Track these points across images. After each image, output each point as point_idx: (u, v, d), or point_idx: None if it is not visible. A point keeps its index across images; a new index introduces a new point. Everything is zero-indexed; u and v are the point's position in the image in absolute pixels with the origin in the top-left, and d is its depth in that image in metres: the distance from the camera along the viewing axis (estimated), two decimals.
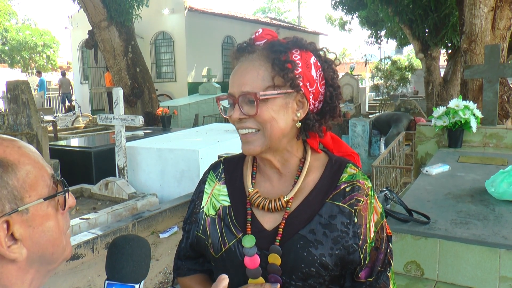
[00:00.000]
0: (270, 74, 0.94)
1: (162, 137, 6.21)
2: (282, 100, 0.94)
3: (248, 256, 0.98)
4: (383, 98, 17.53)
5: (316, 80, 0.97)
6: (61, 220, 0.75)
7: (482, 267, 1.75)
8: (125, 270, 0.82)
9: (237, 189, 1.06)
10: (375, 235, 0.99)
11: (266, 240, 0.98)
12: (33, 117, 5.69)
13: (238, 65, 0.98)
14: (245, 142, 0.97)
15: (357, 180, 1.00)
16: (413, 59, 24.07)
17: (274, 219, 1.00)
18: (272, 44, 0.96)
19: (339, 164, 1.03)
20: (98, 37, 9.87)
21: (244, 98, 0.94)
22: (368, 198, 0.99)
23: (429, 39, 10.88)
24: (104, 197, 5.17)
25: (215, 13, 16.90)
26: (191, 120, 11.72)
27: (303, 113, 0.97)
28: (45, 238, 0.71)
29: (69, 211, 0.79)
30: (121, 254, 0.84)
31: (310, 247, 0.95)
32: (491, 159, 3.26)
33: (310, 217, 0.97)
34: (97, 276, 3.35)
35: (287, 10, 44.07)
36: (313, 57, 0.98)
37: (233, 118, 0.96)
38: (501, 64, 4.09)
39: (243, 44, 0.99)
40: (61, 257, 0.76)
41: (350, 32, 21.75)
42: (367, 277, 0.99)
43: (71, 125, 12.05)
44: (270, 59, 0.94)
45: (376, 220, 0.99)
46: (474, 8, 5.78)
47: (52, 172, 0.75)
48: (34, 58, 28.76)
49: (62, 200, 0.75)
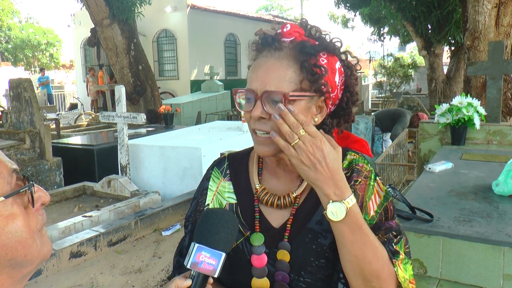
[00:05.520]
0: (299, 77, 0.91)
1: (165, 135, 6.21)
2: (305, 103, 0.92)
3: (256, 254, 0.97)
4: (386, 95, 17.49)
5: (337, 85, 0.96)
6: (32, 219, 0.68)
7: (485, 265, 1.74)
8: (219, 235, 0.85)
9: (243, 186, 1.05)
10: (377, 215, 0.96)
11: (273, 238, 0.97)
12: (36, 115, 5.71)
13: (263, 60, 0.94)
14: (261, 143, 0.94)
15: (356, 164, 1.00)
16: (416, 56, 24.01)
17: (281, 216, 0.99)
18: (303, 45, 0.92)
19: None
20: (100, 35, 9.87)
21: (269, 97, 0.90)
22: (367, 179, 0.98)
23: (432, 36, 10.84)
24: (106, 195, 5.17)
25: (217, 10, 16.88)
26: (193, 117, 11.73)
27: (320, 118, 0.96)
28: (13, 239, 0.64)
29: (42, 207, 0.72)
30: (218, 220, 0.86)
31: (319, 238, 0.94)
32: (494, 157, 3.23)
33: (314, 209, 0.97)
34: (100, 274, 3.35)
35: (289, 8, 43.99)
36: (338, 62, 0.96)
37: (254, 115, 0.92)
38: (505, 61, 4.06)
39: (268, 38, 0.94)
40: (37, 258, 0.69)
41: (353, 29, 21.69)
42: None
43: (74, 123, 12.07)
44: (299, 61, 0.91)
45: (379, 202, 0.97)
46: (477, 4, 5.75)
47: (14, 167, 0.68)
48: (37, 56, 28.81)
49: (30, 197, 0.68)
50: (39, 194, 0.70)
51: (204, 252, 0.83)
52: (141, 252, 3.74)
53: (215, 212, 0.90)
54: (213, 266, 0.83)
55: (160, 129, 7.66)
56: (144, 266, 3.49)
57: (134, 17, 10.02)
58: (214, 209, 0.95)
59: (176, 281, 0.84)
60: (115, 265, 3.51)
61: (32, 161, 5.52)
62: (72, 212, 4.70)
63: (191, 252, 0.84)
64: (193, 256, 0.83)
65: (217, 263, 0.83)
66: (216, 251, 0.83)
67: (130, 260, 3.60)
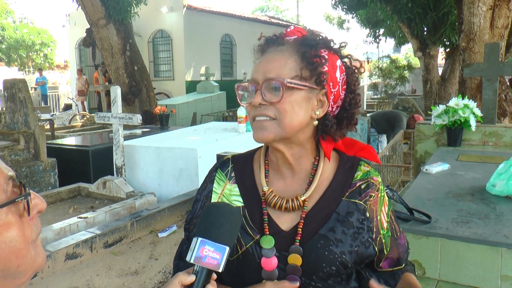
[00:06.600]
0: (299, 65, 0.93)
1: (160, 136, 6.18)
2: (305, 93, 0.94)
3: (266, 257, 0.96)
4: (381, 96, 17.54)
5: (339, 82, 0.97)
6: (27, 228, 0.65)
7: (483, 266, 1.74)
8: (223, 228, 0.83)
9: (250, 189, 1.04)
10: (388, 225, 1.01)
11: (283, 241, 0.97)
12: (30, 116, 5.67)
13: (265, 55, 0.97)
14: (259, 128, 0.95)
15: (371, 177, 1.02)
16: (410, 58, 24.09)
17: (290, 219, 0.98)
18: (304, 38, 0.96)
19: (351, 162, 1.04)
20: (96, 35, 9.84)
21: (269, 85, 0.92)
22: (378, 192, 1.01)
23: (428, 38, 10.89)
24: (102, 196, 5.14)
25: (213, 11, 16.87)
26: (189, 118, 11.70)
27: (322, 112, 0.96)
28: (7, 250, 0.61)
29: (38, 215, 0.68)
30: (221, 213, 0.85)
31: (331, 246, 0.94)
32: (490, 158, 3.25)
33: (327, 216, 0.97)
34: (96, 276, 3.33)
35: (285, 9, 44.09)
36: (339, 60, 0.98)
37: (254, 102, 0.94)
38: (500, 63, 4.08)
39: (272, 37, 0.99)
40: (30, 269, 0.67)
41: (348, 30, 21.73)
42: (394, 266, 1.03)
43: (69, 123, 12.00)
44: (299, 52, 0.94)
45: (386, 211, 1.02)
46: (473, 6, 5.78)
47: (11, 174, 0.65)
48: (31, 57, 28.66)
49: (26, 205, 0.65)
50: (35, 202, 0.67)
51: (207, 246, 0.82)
52: (138, 254, 3.72)
53: (217, 206, 0.89)
54: (217, 260, 0.81)
55: (156, 130, 7.63)
56: (141, 268, 3.47)
57: (130, 18, 9.99)
58: (216, 203, 0.95)
59: (180, 277, 0.83)
60: (111, 267, 3.48)
61: (27, 162, 5.48)
62: (67, 213, 4.67)
63: (194, 246, 0.82)
64: (196, 250, 0.82)
65: (221, 257, 0.82)
66: (220, 245, 0.82)
67: (126, 261, 3.58)
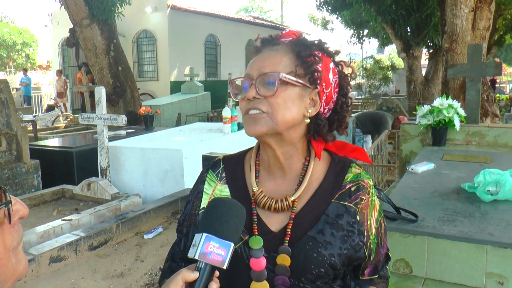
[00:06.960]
0: (294, 63, 0.95)
1: (145, 137, 6.13)
2: (299, 90, 0.95)
3: (255, 258, 0.96)
4: (365, 97, 17.69)
5: (331, 84, 0.99)
6: (8, 236, 0.61)
7: (469, 264, 1.76)
8: (229, 224, 0.81)
9: (240, 189, 1.04)
10: (376, 231, 1.01)
11: (272, 242, 0.96)
12: (13, 117, 5.57)
13: (260, 54, 0.99)
14: (252, 121, 0.95)
15: (361, 179, 1.02)
16: (394, 59, 24.35)
17: (279, 220, 0.98)
18: (299, 39, 0.99)
19: (342, 163, 1.04)
20: (79, 35, 9.70)
21: (263, 79, 0.94)
22: (369, 196, 1.01)
23: (411, 39, 11.03)
24: (86, 198, 5.08)
25: (198, 11, 16.80)
26: (173, 119, 11.63)
27: (314, 111, 0.97)
28: None
29: (19, 222, 0.65)
30: (227, 208, 0.83)
31: (320, 248, 0.94)
32: (474, 157, 3.30)
33: (316, 217, 0.97)
34: (81, 279, 3.28)
35: (270, 9, 44.12)
36: (332, 63, 1.00)
37: (248, 95, 0.94)
38: (483, 63, 4.16)
39: (268, 38, 1.01)
40: (11, 277, 0.64)
41: (332, 31, 21.87)
42: (372, 274, 1.02)
43: (52, 124, 11.82)
44: (294, 51, 0.97)
45: (376, 217, 1.01)
46: (455, 8, 5.87)
47: None
48: (12, 57, 28.16)
49: (7, 213, 0.61)
50: (17, 208, 0.64)
51: (213, 242, 0.80)
52: (123, 256, 3.68)
53: (223, 201, 0.87)
54: (222, 257, 0.80)
55: (140, 131, 7.56)
56: (127, 270, 3.43)
57: (114, 17, 9.88)
58: (222, 198, 0.93)
59: (183, 273, 0.81)
60: (97, 270, 3.44)
61: (9, 164, 5.38)
62: (51, 216, 4.59)
63: (199, 242, 0.80)
64: (201, 246, 0.80)
65: (226, 253, 0.80)
66: (225, 241, 0.81)
67: (112, 264, 3.54)
